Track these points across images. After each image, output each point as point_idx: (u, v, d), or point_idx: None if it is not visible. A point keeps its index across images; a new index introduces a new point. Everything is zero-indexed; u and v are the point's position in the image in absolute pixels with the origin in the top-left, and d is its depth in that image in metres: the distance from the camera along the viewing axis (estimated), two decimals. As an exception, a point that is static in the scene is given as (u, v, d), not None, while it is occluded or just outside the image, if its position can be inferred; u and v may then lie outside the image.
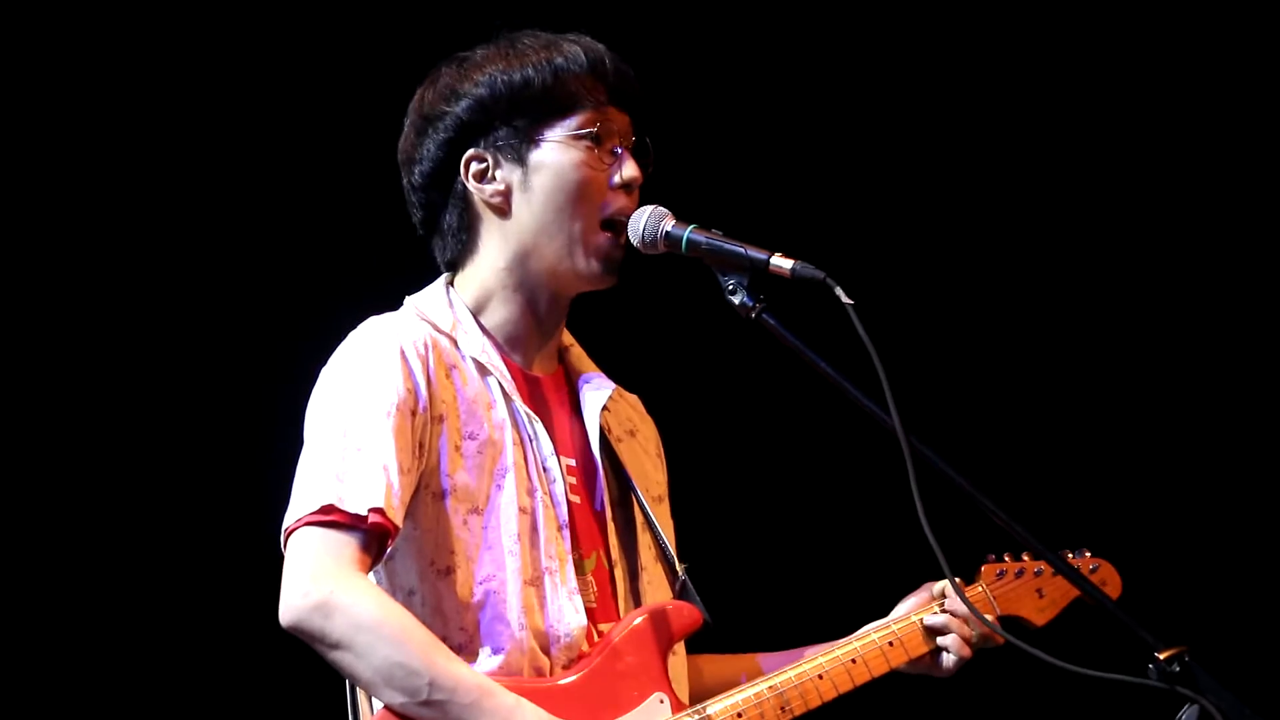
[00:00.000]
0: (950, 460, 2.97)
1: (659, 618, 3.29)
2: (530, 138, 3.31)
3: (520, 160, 3.31)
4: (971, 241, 5.42)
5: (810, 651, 3.46)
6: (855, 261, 3.49)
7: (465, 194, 3.35)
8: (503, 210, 3.34)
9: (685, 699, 3.30)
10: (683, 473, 3.63)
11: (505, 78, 3.31)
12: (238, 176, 4.92)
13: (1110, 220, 5.43)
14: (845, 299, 2.96)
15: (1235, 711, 2.72)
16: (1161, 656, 2.79)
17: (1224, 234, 5.41)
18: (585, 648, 3.23)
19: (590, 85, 3.32)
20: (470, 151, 3.33)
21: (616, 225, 3.31)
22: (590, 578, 3.30)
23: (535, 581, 3.21)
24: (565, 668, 3.21)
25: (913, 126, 5.42)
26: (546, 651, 3.20)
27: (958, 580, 2.98)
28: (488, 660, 3.15)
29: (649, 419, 3.63)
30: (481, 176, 3.34)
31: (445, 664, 3.03)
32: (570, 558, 3.26)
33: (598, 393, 3.42)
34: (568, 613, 3.23)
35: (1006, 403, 5.38)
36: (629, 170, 3.32)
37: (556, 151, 3.31)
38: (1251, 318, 5.40)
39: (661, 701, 3.23)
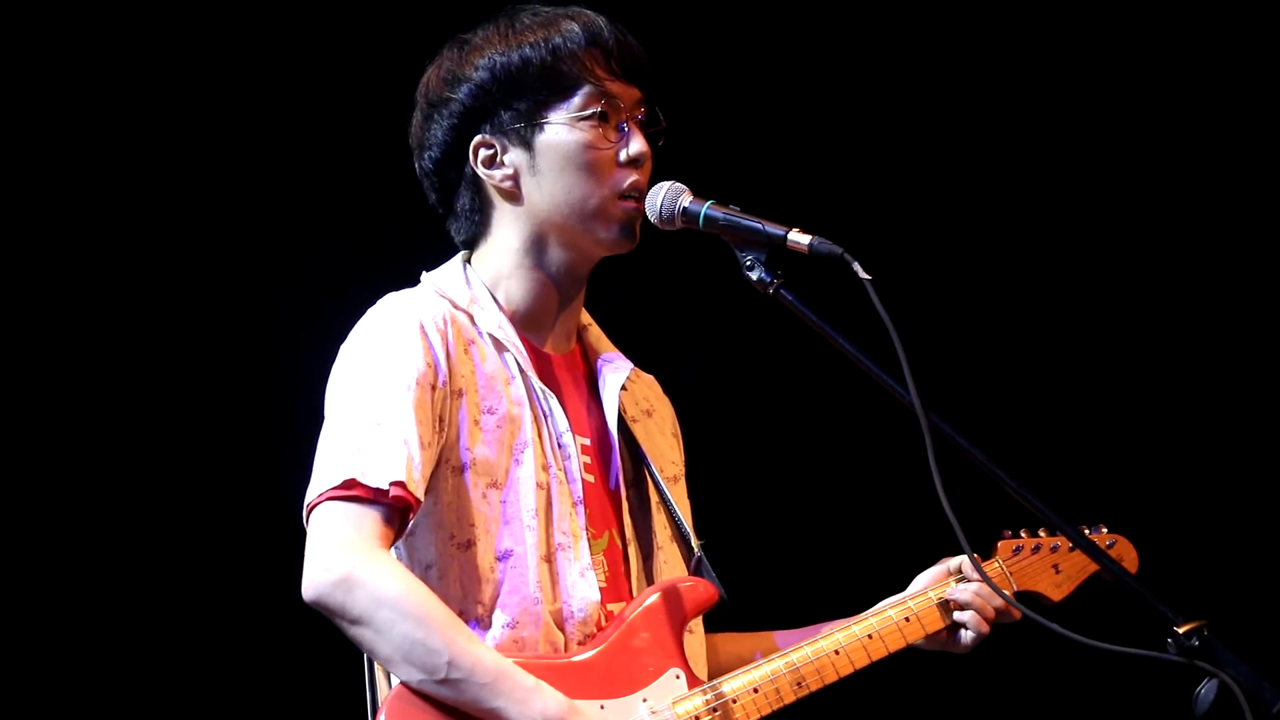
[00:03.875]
0: (967, 436, 2.96)
1: (674, 594, 3.29)
2: (533, 121, 3.29)
3: (526, 144, 3.30)
4: (990, 217, 5.41)
5: (827, 628, 3.45)
6: (873, 237, 3.48)
7: (476, 178, 3.35)
8: (514, 195, 3.33)
9: (702, 676, 3.30)
10: (699, 451, 3.63)
11: (504, 60, 3.29)
12: (254, 157, 4.92)
13: (1130, 195, 5.41)
14: (863, 274, 2.94)
15: (1255, 685, 2.71)
16: (1180, 631, 2.78)
17: (1244, 212, 5.39)
18: (600, 624, 3.23)
19: (591, 61, 3.29)
20: (477, 138, 3.32)
21: (635, 196, 3.29)
22: (601, 557, 3.30)
23: (549, 558, 3.21)
24: (580, 644, 3.21)
25: (931, 101, 5.40)
26: (561, 627, 3.20)
27: (975, 556, 2.97)
28: (503, 634, 3.15)
29: (666, 399, 3.63)
30: (490, 162, 3.33)
31: (465, 644, 3.03)
32: (584, 534, 3.26)
33: (616, 373, 3.42)
34: (581, 589, 3.23)
35: (1023, 379, 5.37)
36: (636, 146, 3.30)
37: (561, 133, 3.29)
38: (1266, 294, 5.38)
39: (678, 677, 3.23)
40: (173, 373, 4.86)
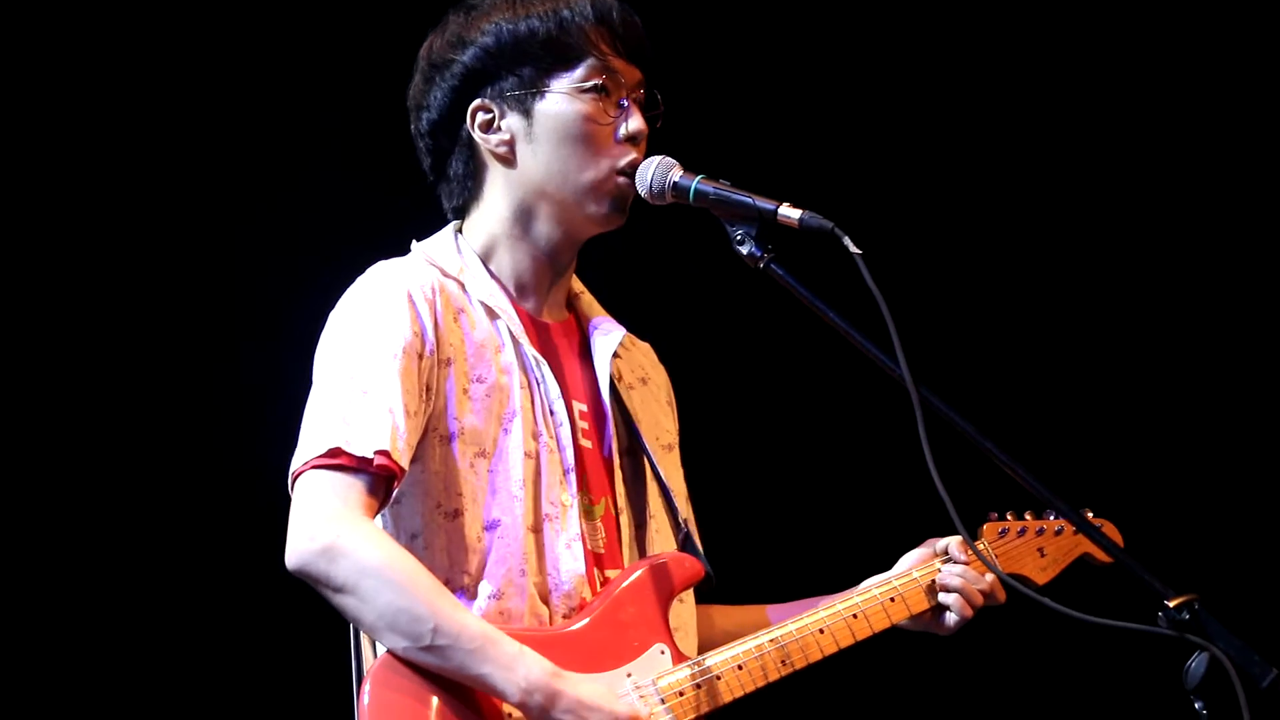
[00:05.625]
0: (959, 412, 2.96)
1: (660, 569, 3.29)
2: (536, 88, 3.30)
3: (525, 111, 3.30)
4: (979, 194, 5.41)
5: (823, 603, 3.45)
6: (864, 211, 3.49)
7: (471, 143, 3.35)
8: (508, 160, 3.33)
9: (690, 650, 3.30)
10: (691, 423, 3.63)
11: (511, 27, 3.30)
12: (245, 128, 4.90)
13: (1110, 176, 5.42)
14: (853, 249, 2.95)
15: (1245, 658, 2.71)
16: (1171, 605, 2.78)
17: (1233, 203, 5.40)
18: (587, 596, 3.23)
19: (597, 36, 3.30)
20: (476, 101, 3.33)
21: (629, 173, 3.30)
22: (599, 523, 3.30)
23: (536, 528, 3.22)
24: (566, 616, 3.21)
25: (922, 78, 5.40)
26: (546, 600, 3.20)
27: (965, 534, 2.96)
28: (489, 605, 3.15)
29: (661, 367, 3.63)
30: (487, 126, 3.33)
31: (450, 611, 3.03)
32: (576, 503, 3.26)
33: (608, 338, 3.42)
34: (565, 561, 3.22)
35: (1012, 356, 5.37)
36: (634, 123, 3.31)
37: (562, 102, 3.30)
38: (1245, 275, 5.40)
39: (662, 652, 3.23)
40: (160, 343, 4.85)
